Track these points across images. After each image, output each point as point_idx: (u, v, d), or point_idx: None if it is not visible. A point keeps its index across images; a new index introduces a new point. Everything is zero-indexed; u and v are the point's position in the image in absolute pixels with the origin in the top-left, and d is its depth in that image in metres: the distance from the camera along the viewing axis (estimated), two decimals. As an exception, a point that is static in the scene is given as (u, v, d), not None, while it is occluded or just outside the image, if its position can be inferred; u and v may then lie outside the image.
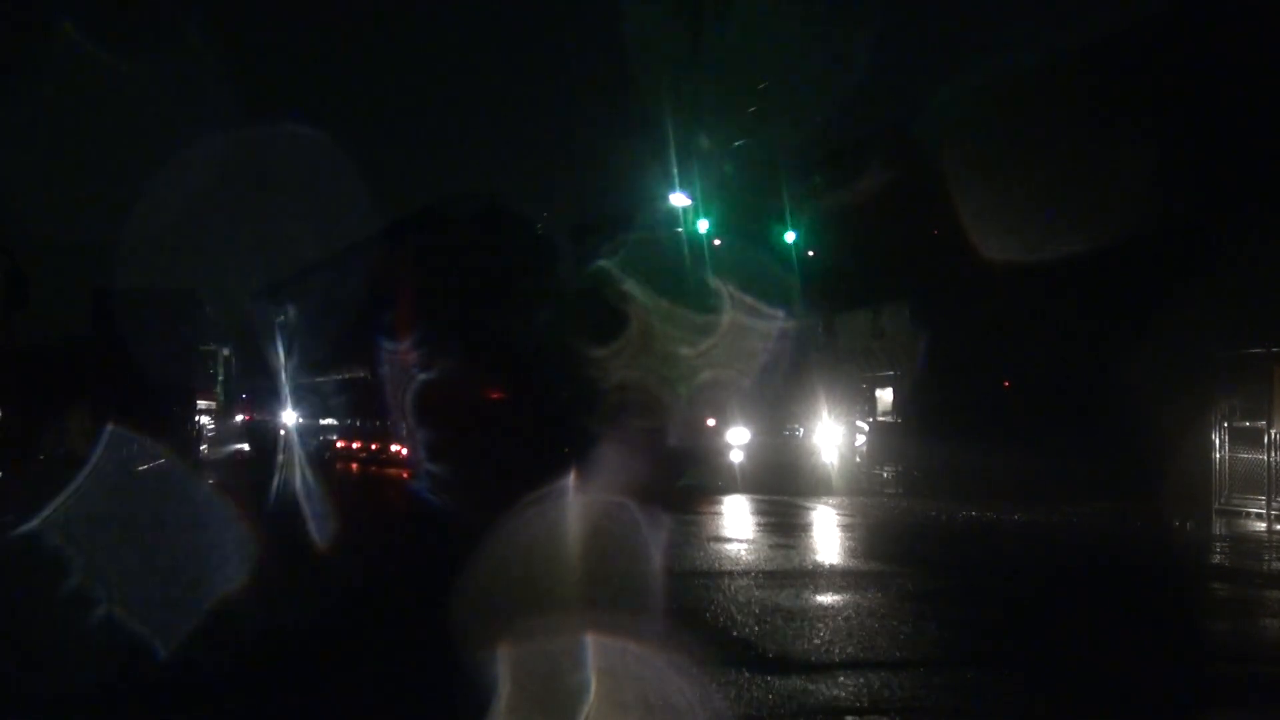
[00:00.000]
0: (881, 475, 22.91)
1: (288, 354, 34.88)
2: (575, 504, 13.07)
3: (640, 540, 11.20)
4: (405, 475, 26.22)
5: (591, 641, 6.34)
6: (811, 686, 5.96)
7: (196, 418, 53.08)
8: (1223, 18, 17.39)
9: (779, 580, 9.65)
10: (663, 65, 24.68)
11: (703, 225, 23.35)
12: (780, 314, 21.31)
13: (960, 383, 21.69)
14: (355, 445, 34.30)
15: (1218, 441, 15.61)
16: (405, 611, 8.38)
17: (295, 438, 34.59)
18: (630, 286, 21.62)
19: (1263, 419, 15.22)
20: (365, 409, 33.09)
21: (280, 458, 29.74)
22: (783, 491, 20.03)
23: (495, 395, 26.28)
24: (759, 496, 19.43)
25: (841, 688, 5.94)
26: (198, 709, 5.48)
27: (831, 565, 11.08)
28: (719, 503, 18.43)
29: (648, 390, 21.03)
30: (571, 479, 14.23)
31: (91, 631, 7.06)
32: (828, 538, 14.27)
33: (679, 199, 24.02)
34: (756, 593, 8.95)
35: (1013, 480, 18.36)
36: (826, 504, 18.30)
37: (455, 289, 27.10)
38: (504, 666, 5.90)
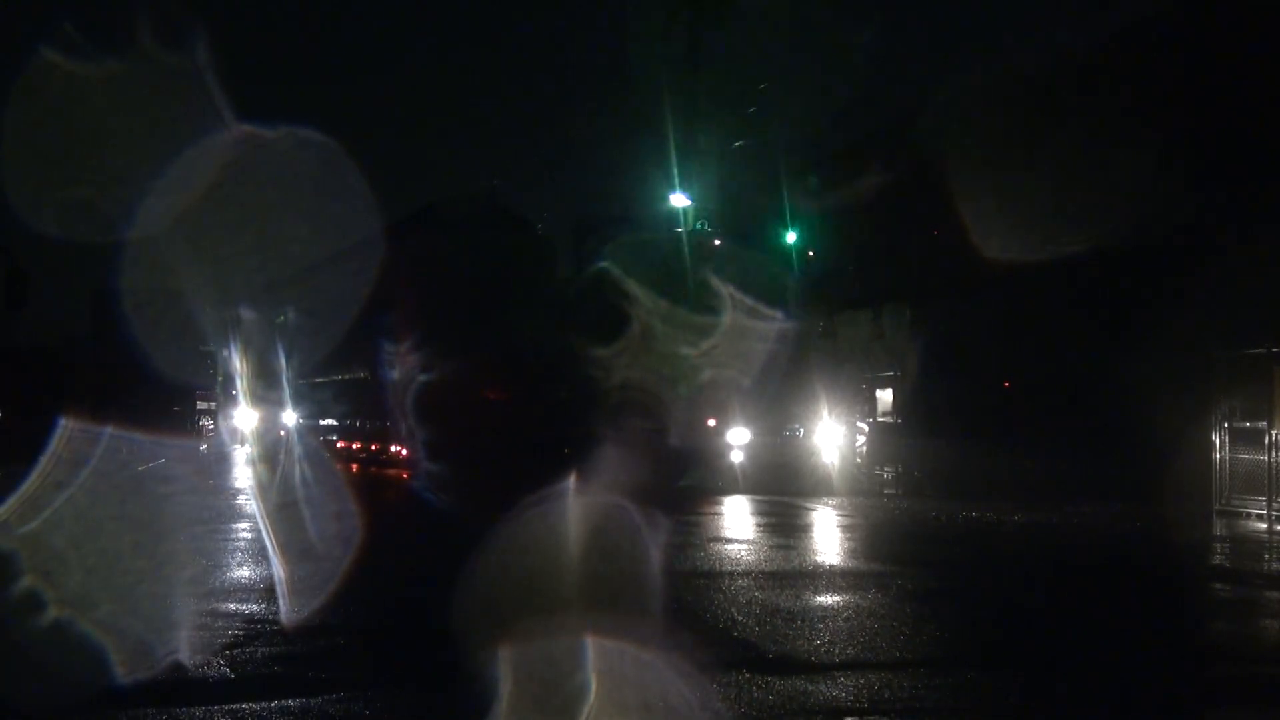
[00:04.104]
0: (882, 475, 22.91)
1: (288, 355, 34.88)
2: (575, 505, 13.05)
3: (641, 541, 11.19)
4: (405, 475, 26.23)
5: (592, 642, 6.34)
6: (812, 687, 5.96)
7: (197, 417, 53.22)
8: (1223, 18, 17.38)
9: (779, 581, 9.65)
10: (663, 65, 24.69)
11: (703, 225, 23.37)
12: (780, 314, 21.29)
13: (960, 383, 21.69)
14: (355, 445, 34.31)
15: (1218, 442, 15.59)
16: (405, 612, 8.38)
17: (296, 438, 34.59)
18: (630, 287, 21.62)
19: (1263, 419, 15.21)
20: (365, 409, 33.11)
21: (281, 457, 29.74)
22: (783, 492, 20.02)
23: (495, 395, 26.29)
24: (759, 497, 19.42)
25: (842, 688, 5.94)
26: (194, 708, 5.47)
27: (832, 566, 11.08)
28: (719, 503, 18.42)
29: (648, 391, 21.03)
30: (572, 480, 14.22)
31: (87, 632, 7.05)
32: (828, 538, 14.27)
33: (679, 199, 24.04)
34: (757, 593, 8.94)
35: (1013, 480, 18.37)
36: (827, 504, 18.29)
37: (455, 289, 27.11)
38: (504, 667, 5.90)
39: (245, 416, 40.49)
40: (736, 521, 15.87)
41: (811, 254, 25.04)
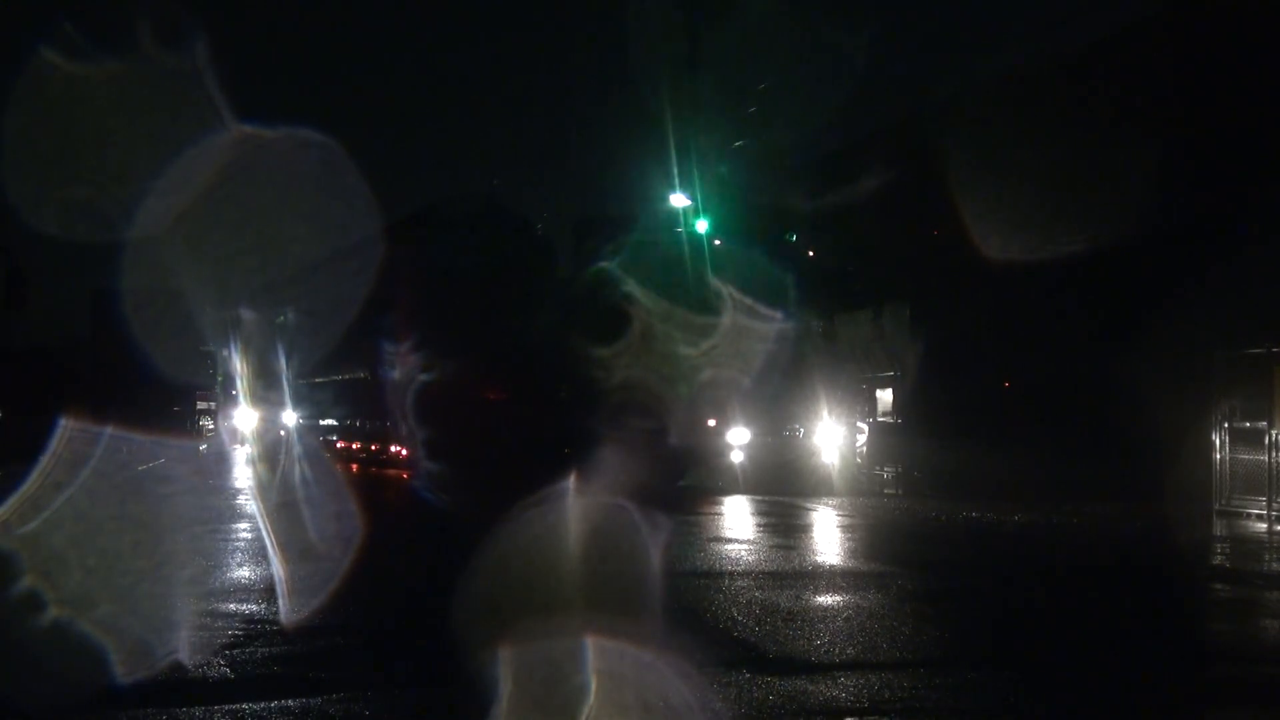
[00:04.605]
0: (882, 475, 22.90)
1: (287, 355, 34.87)
2: (575, 505, 13.05)
3: (640, 541, 11.19)
4: (405, 476, 26.23)
5: (592, 642, 6.34)
6: (812, 687, 5.96)
7: (197, 417, 53.23)
8: (1222, 18, 17.39)
9: (779, 581, 9.65)
10: (663, 65, 24.69)
11: (702, 225, 23.37)
12: (780, 314, 21.29)
13: (960, 383, 21.69)
14: (355, 446, 34.31)
15: (1218, 442, 15.59)
16: (405, 612, 8.38)
17: (295, 438, 34.59)
18: (630, 287, 21.61)
19: (1263, 419, 15.21)
20: (365, 409, 33.11)
21: (281, 457, 29.74)
22: (783, 492, 20.02)
23: (495, 395, 26.29)
24: (759, 497, 19.42)
25: (842, 688, 5.94)
26: (194, 708, 5.47)
27: (832, 566, 11.08)
28: (719, 503, 18.42)
29: (648, 390, 21.02)
30: (572, 480, 14.21)
31: (87, 632, 7.04)
32: (828, 538, 14.26)
33: (679, 199, 24.02)
34: (757, 594, 8.94)
35: (1013, 480, 18.36)
36: (827, 505, 18.29)
37: (455, 289, 27.10)
38: (504, 667, 5.90)
39: (245, 416, 40.47)
40: (736, 521, 15.87)
41: (811, 254, 25.04)
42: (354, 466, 30.10)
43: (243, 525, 13.91)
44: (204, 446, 39.83)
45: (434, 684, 6.15)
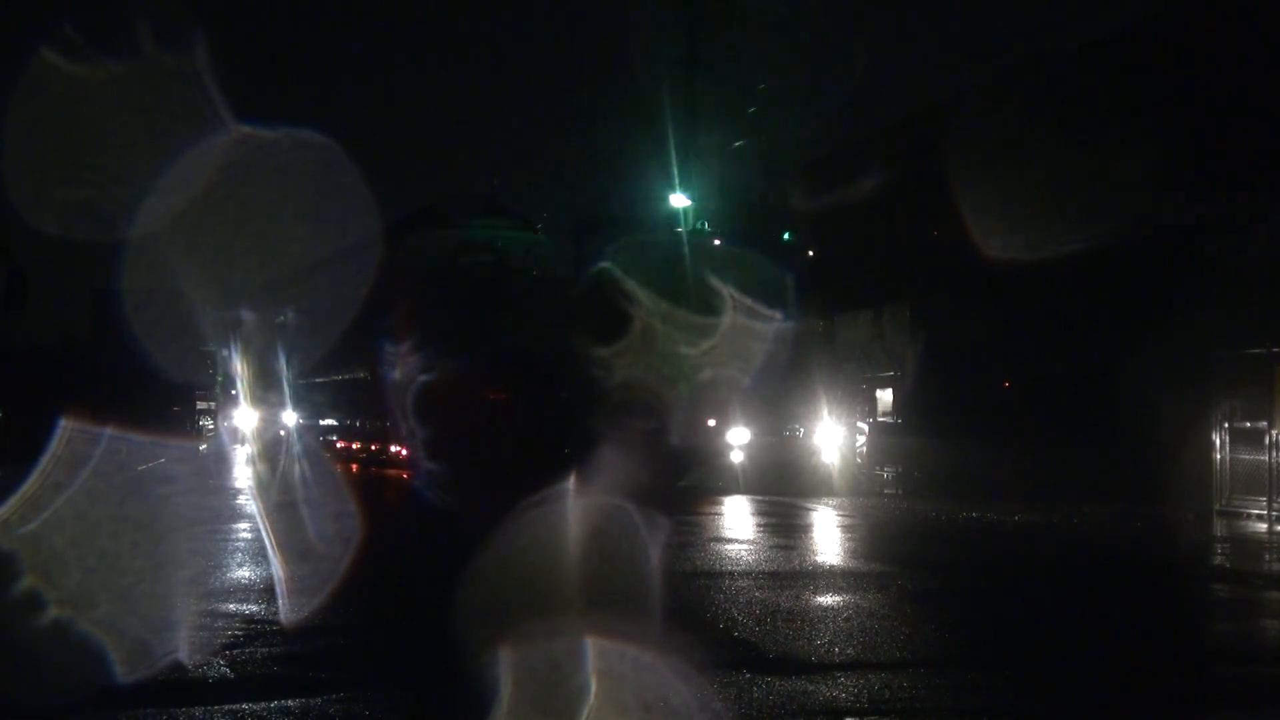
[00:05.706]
0: (882, 475, 22.90)
1: (287, 355, 34.85)
2: (575, 505, 13.04)
3: (641, 541, 11.19)
4: (405, 476, 26.23)
5: (592, 643, 6.33)
6: (812, 687, 5.95)
7: (197, 418, 53.22)
8: (1223, 17, 17.38)
9: (780, 581, 9.65)
10: (663, 65, 24.70)
11: (703, 225, 23.37)
12: (780, 314, 21.28)
13: (960, 383, 21.69)
14: (355, 446, 34.29)
15: (1218, 442, 15.60)
16: (405, 612, 8.38)
17: (295, 438, 34.58)
18: (630, 287, 21.60)
19: (1263, 419, 15.21)
20: (365, 409, 33.10)
21: (281, 458, 29.74)
22: (783, 492, 20.02)
23: (495, 395, 26.27)
24: (759, 497, 19.42)
25: (842, 689, 5.94)
26: (194, 708, 5.47)
27: (832, 566, 11.08)
28: (719, 503, 18.42)
29: (648, 391, 21.01)
30: (572, 480, 14.20)
31: (87, 632, 7.04)
32: (828, 538, 14.26)
33: (679, 199, 24.02)
34: (757, 594, 8.94)
35: (1013, 480, 18.37)
36: (827, 505, 18.29)
37: (455, 289, 27.11)
38: (504, 667, 5.89)
39: (245, 416, 40.43)
40: (737, 521, 15.87)
41: (811, 254, 25.03)
42: (354, 466, 30.10)
43: (242, 525, 13.91)
44: (204, 446, 39.82)
45: (434, 684, 6.15)
